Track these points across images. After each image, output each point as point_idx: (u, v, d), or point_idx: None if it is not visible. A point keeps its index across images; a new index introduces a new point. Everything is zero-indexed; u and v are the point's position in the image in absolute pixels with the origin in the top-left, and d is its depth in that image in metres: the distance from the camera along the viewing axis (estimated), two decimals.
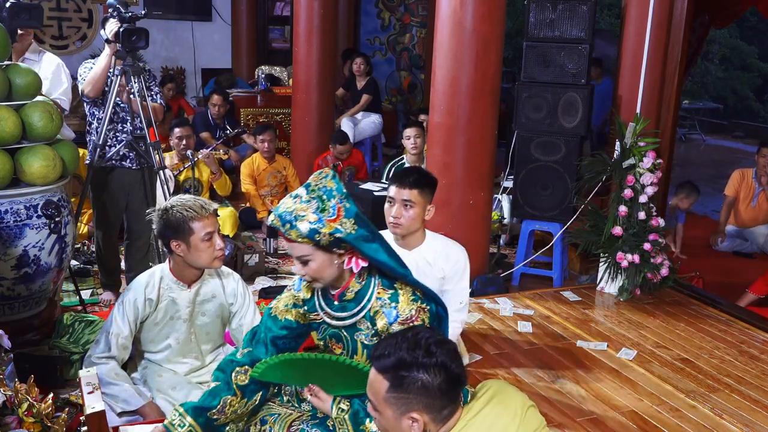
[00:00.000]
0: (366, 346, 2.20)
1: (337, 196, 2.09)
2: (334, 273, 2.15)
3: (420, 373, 1.63)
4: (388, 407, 1.67)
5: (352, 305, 2.20)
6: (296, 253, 2.12)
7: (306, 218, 2.04)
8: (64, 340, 3.34)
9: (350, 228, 2.07)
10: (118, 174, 3.99)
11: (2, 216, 3.04)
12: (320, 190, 2.09)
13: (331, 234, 2.04)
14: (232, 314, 2.93)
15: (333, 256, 2.12)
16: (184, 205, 2.66)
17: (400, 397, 1.65)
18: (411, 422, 1.65)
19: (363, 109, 7.59)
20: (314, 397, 2.20)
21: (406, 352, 1.64)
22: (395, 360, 1.65)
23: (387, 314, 2.13)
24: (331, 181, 2.11)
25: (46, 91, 3.74)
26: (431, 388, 1.63)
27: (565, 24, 4.58)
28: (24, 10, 3.41)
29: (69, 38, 8.39)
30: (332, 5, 6.52)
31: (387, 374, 1.66)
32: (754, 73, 14.58)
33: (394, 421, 1.67)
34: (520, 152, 4.82)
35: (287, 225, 2.06)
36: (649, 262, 4.49)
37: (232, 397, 2.26)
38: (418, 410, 1.65)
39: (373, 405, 1.72)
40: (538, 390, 3.43)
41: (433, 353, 1.64)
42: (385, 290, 2.17)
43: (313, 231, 2.04)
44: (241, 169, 6.03)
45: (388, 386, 1.66)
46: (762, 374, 3.68)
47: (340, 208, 2.07)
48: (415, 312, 2.13)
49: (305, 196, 2.08)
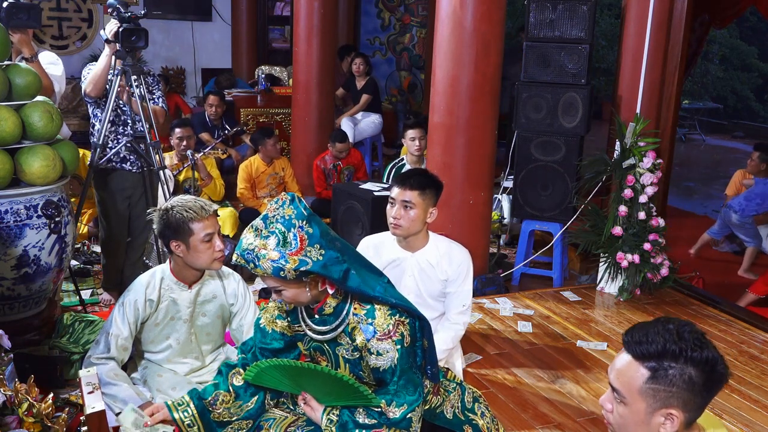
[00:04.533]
0: (347, 360, 2.19)
1: (297, 224, 2.01)
2: (309, 297, 2.13)
3: (688, 366, 1.48)
4: (642, 399, 1.51)
5: (331, 319, 2.18)
6: (269, 284, 2.10)
7: (268, 256, 1.99)
8: (64, 340, 3.34)
9: (316, 255, 2.01)
10: (118, 176, 4.00)
11: (2, 216, 3.04)
12: (278, 221, 2.02)
13: (295, 269, 1.99)
14: (233, 314, 2.93)
15: (303, 285, 2.08)
16: (184, 205, 2.66)
17: (661, 389, 1.50)
18: (665, 419, 1.51)
19: (363, 109, 7.59)
20: (306, 405, 2.20)
21: (672, 342, 1.49)
22: (660, 348, 1.49)
23: (364, 330, 2.10)
24: (289, 209, 2.03)
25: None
26: (697, 384, 1.48)
27: (565, 24, 4.58)
28: (22, 10, 3.40)
29: (69, 38, 8.39)
30: (332, 5, 6.52)
31: (648, 363, 1.51)
32: (754, 73, 14.58)
33: (645, 416, 1.52)
34: (520, 152, 4.82)
35: (251, 264, 2.02)
36: (649, 262, 4.49)
37: (225, 394, 2.27)
38: (676, 406, 1.50)
39: (620, 396, 1.55)
40: (538, 390, 3.43)
41: (702, 347, 1.49)
42: (362, 306, 2.14)
43: (277, 269, 1.99)
44: (239, 171, 6.01)
45: (648, 376, 1.50)
46: (762, 374, 3.68)
47: (302, 238, 2.00)
48: (393, 326, 2.09)
49: (264, 231, 2.02)
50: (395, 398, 2.11)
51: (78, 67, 7.00)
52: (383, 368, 2.11)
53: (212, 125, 6.86)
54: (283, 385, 2.25)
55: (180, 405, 2.26)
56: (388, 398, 2.11)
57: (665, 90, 4.84)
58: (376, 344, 2.09)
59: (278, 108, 7.69)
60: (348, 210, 5.06)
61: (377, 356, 2.09)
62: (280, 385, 2.25)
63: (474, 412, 2.44)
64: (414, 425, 2.14)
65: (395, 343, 2.08)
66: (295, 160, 6.51)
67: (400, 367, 2.10)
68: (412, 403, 2.12)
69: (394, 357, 2.09)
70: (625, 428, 1.58)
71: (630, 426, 1.56)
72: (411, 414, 2.12)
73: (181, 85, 9.08)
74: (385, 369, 2.10)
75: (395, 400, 2.11)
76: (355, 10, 9.43)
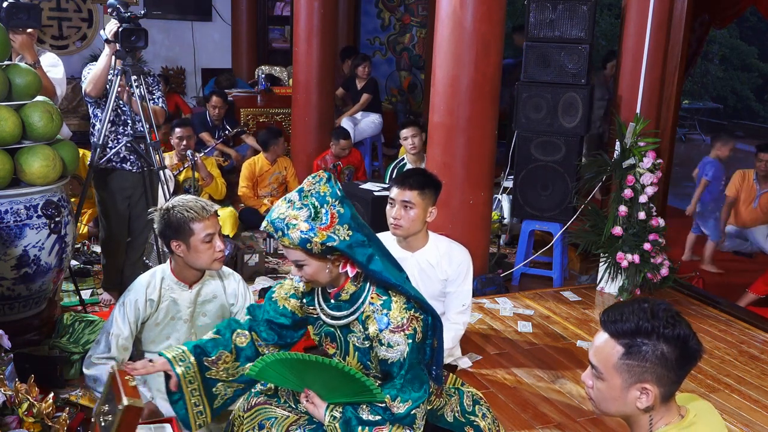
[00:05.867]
0: (357, 349, 2.19)
1: (330, 201, 2.05)
2: (330, 276, 2.14)
3: (661, 342, 1.56)
4: (618, 375, 1.60)
5: (346, 306, 2.19)
6: (291, 257, 2.11)
7: (297, 227, 2.01)
8: (64, 340, 3.34)
9: (344, 235, 2.04)
10: (118, 176, 4.00)
11: (2, 216, 3.04)
12: (313, 195, 2.05)
13: (323, 243, 2.02)
14: (233, 314, 2.93)
15: (327, 261, 2.10)
16: (185, 205, 2.66)
17: (635, 365, 1.58)
18: (640, 393, 1.59)
19: (363, 109, 7.59)
20: (309, 402, 2.19)
21: (645, 320, 1.57)
22: (634, 326, 1.58)
23: (378, 320, 2.11)
24: (324, 186, 2.07)
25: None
26: (670, 359, 1.56)
27: (565, 24, 4.58)
28: (22, 10, 3.40)
29: (69, 38, 8.39)
30: (332, 5, 6.52)
31: (623, 340, 1.59)
32: (754, 73, 14.58)
33: (621, 390, 1.60)
34: (520, 152, 4.82)
35: (279, 232, 2.04)
36: (649, 262, 4.49)
37: (228, 354, 2.28)
38: (651, 381, 1.58)
39: (597, 372, 1.64)
40: (538, 390, 3.43)
41: (674, 324, 1.57)
42: (379, 296, 2.15)
43: (304, 240, 2.01)
44: (242, 170, 6.01)
45: (623, 352, 1.59)
46: (762, 374, 3.68)
47: (333, 215, 2.04)
48: (407, 321, 2.10)
49: (298, 202, 2.05)
50: (401, 393, 2.11)
51: (78, 67, 6.99)
52: (392, 361, 2.11)
53: (213, 125, 6.86)
54: (287, 382, 2.24)
55: (182, 360, 2.23)
56: (393, 393, 2.11)
57: (665, 90, 4.83)
58: (389, 336, 2.09)
59: (278, 108, 7.69)
60: None
61: (387, 348, 2.10)
62: (284, 381, 2.24)
63: (475, 414, 2.44)
64: (418, 422, 2.14)
65: (407, 337, 2.09)
66: (295, 160, 6.51)
67: (409, 362, 2.10)
68: (417, 400, 2.12)
69: (404, 351, 2.09)
70: (604, 403, 1.67)
71: (608, 400, 1.65)
72: (415, 410, 2.12)
73: (181, 85, 9.07)
74: (394, 362, 2.10)
75: (400, 395, 2.11)
76: (355, 10, 9.43)
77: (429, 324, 2.18)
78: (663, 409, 1.63)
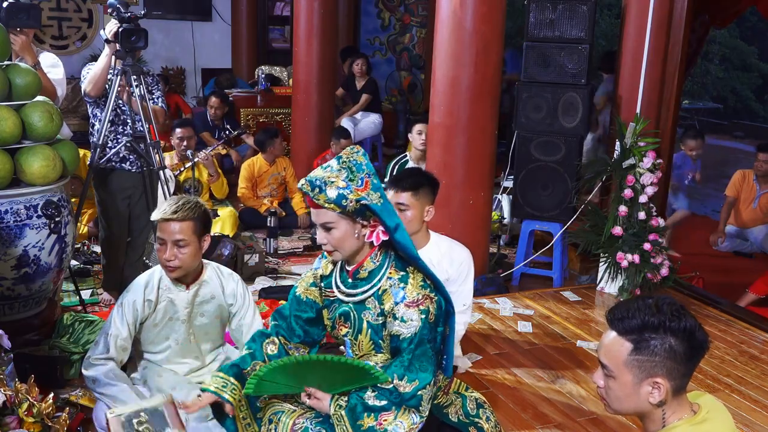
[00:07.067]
0: (371, 326, 2.22)
1: (365, 170, 2.17)
2: (354, 245, 2.19)
3: (668, 335, 1.58)
4: (629, 371, 1.62)
5: (363, 284, 2.23)
6: (320, 220, 2.17)
7: (335, 184, 2.12)
8: (64, 340, 3.34)
9: (376, 200, 2.14)
10: (118, 176, 3.99)
11: (2, 216, 3.04)
12: (351, 162, 2.17)
13: (357, 201, 2.11)
14: (232, 315, 2.93)
15: (356, 225, 2.17)
16: (160, 206, 2.68)
17: (644, 360, 1.60)
18: (652, 388, 1.61)
19: (362, 109, 7.59)
20: (312, 398, 2.20)
21: (651, 315, 1.59)
22: (641, 322, 1.60)
23: (394, 294, 2.16)
24: (361, 157, 2.19)
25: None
26: (678, 352, 1.58)
27: (565, 24, 4.58)
28: (22, 10, 3.39)
29: (69, 38, 8.39)
30: (332, 5, 6.52)
31: (631, 336, 1.61)
32: (754, 73, 14.58)
33: (633, 387, 1.62)
34: (520, 152, 4.82)
35: (316, 189, 2.13)
36: (649, 262, 4.49)
37: (262, 364, 2.34)
38: (661, 375, 1.60)
39: (608, 371, 1.66)
40: (538, 390, 3.43)
41: (680, 317, 1.59)
42: (397, 271, 2.20)
43: (340, 196, 2.10)
44: (241, 171, 6.01)
45: (632, 349, 1.61)
46: (762, 374, 3.68)
47: (367, 181, 2.15)
48: (422, 297, 2.14)
49: (336, 166, 2.17)
50: (407, 372, 2.12)
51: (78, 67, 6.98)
52: (403, 336, 2.13)
53: (213, 125, 6.87)
54: (287, 388, 2.25)
55: (225, 386, 2.26)
56: (401, 372, 2.12)
57: (665, 90, 4.83)
58: (403, 310, 2.13)
59: (278, 108, 7.69)
60: None
61: (401, 323, 2.13)
62: (283, 389, 2.25)
63: (479, 416, 2.44)
64: (423, 404, 2.13)
65: (421, 313, 2.13)
66: (295, 160, 6.51)
67: (419, 337, 2.12)
68: (424, 380, 2.12)
69: (417, 326, 2.12)
70: (617, 401, 1.68)
71: (621, 398, 1.66)
72: (422, 391, 2.12)
73: (181, 85, 9.07)
74: (405, 337, 2.13)
75: (407, 374, 2.12)
76: (355, 10, 9.43)
77: (442, 307, 2.21)
78: (675, 404, 1.64)
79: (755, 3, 6.20)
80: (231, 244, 4.78)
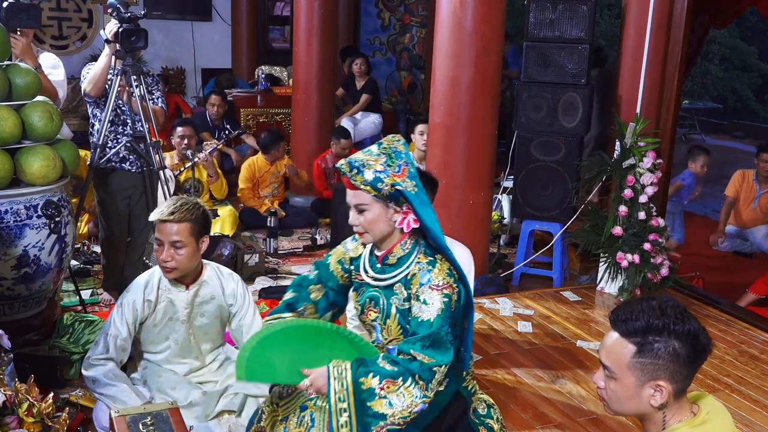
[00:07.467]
0: (399, 311, 2.24)
1: (404, 159, 2.22)
2: (385, 229, 2.24)
3: (672, 339, 1.58)
4: (631, 374, 1.61)
5: (391, 269, 2.27)
6: (355, 201, 2.23)
7: (373, 167, 2.18)
8: (64, 340, 3.34)
9: (411, 188, 2.19)
10: (117, 176, 3.99)
11: (2, 216, 3.04)
12: (391, 149, 2.23)
13: (392, 185, 2.16)
14: (232, 315, 2.93)
15: (389, 210, 2.21)
16: (159, 206, 2.68)
17: (647, 363, 1.59)
18: (654, 391, 1.60)
19: (362, 109, 7.59)
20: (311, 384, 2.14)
21: (655, 317, 1.59)
22: (645, 324, 1.59)
23: (421, 276, 2.18)
24: (401, 146, 2.25)
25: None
26: (681, 355, 1.58)
27: (565, 24, 4.58)
28: (22, 10, 3.39)
29: (69, 38, 8.38)
30: (332, 5, 6.52)
31: (634, 338, 1.60)
32: (754, 73, 14.57)
33: (635, 389, 1.62)
34: (520, 152, 4.82)
35: (354, 170, 2.18)
36: (649, 262, 4.49)
37: (311, 306, 2.43)
38: (664, 378, 1.59)
39: (610, 372, 1.65)
40: (538, 390, 3.43)
41: (684, 320, 1.58)
42: (426, 256, 2.23)
43: (377, 179, 2.16)
44: (241, 171, 6.02)
45: (635, 351, 1.60)
46: (762, 374, 3.69)
47: (404, 169, 2.20)
48: (446, 284, 2.17)
49: (376, 151, 2.23)
50: (425, 349, 2.09)
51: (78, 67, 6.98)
52: (422, 319, 2.14)
53: (213, 125, 6.87)
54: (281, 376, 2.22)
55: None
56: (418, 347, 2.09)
57: (665, 90, 4.83)
58: (428, 292, 2.15)
59: (278, 108, 7.68)
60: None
61: (422, 305, 2.15)
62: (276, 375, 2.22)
63: (490, 416, 2.45)
64: (433, 384, 2.09)
65: (444, 296, 2.14)
66: (295, 160, 6.50)
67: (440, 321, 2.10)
68: (441, 361, 2.09)
69: (438, 309, 2.12)
70: (617, 403, 1.67)
71: (622, 400, 1.65)
72: (437, 368, 2.08)
73: (181, 85, 9.07)
74: (423, 320, 2.13)
75: (425, 351, 2.09)
76: (355, 10, 9.43)
77: (462, 298, 2.21)
78: (676, 406, 1.63)
79: (755, 3, 6.20)
80: (231, 244, 4.77)
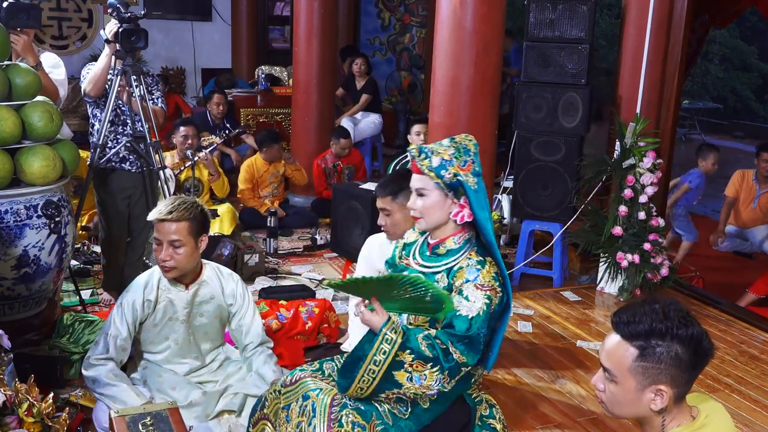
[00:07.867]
0: None
1: (472, 157, 2.30)
2: (440, 218, 2.30)
3: (675, 343, 1.55)
4: (632, 377, 1.59)
5: (440, 259, 2.31)
6: (417, 185, 2.30)
7: (441, 155, 2.26)
8: (64, 340, 3.34)
9: (472, 183, 2.27)
10: (117, 176, 3.99)
11: (2, 216, 3.04)
12: (461, 145, 2.31)
13: (455, 175, 2.24)
14: (232, 315, 2.93)
15: (447, 200, 2.28)
16: (158, 205, 2.68)
17: (649, 367, 1.57)
18: (654, 395, 1.58)
19: (362, 109, 7.59)
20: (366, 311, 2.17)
21: (658, 321, 1.56)
22: (647, 327, 1.57)
23: (468, 272, 2.22)
24: (472, 145, 2.33)
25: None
26: (684, 360, 1.56)
27: (565, 24, 4.58)
28: (22, 10, 3.39)
29: (69, 38, 8.39)
30: (332, 5, 6.52)
31: (636, 342, 1.58)
32: (754, 73, 14.56)
33: (635, 393, 1.59)
34: (520, 152, 4.82)
35: (423, 155, 2.27)
36: (649, 262, 4.49)
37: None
38: (665, 382, 1.57)
39: (610, 375, 1.63)
40: (538, 390, 3.43)
41: (687, 324, 1.56)
42: (477, 255, 2.28)
43: (441, 166, 2.24)
44: (241, 171, 6.02)
45: (637, 355, 1.58)
46: (762, 374, 3.69)
47: (470, 165, 2.29)
48: (490, 286, 2.21)
49: (447, 143, 2.31)
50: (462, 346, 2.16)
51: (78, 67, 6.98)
52: (460, 313, 2.17)
53: (214, 125, 6.87)
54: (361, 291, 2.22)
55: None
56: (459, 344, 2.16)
57: (665, 90, 4.83)
58: (472, 289, 2.20)
59: (278, 108, 7.69)
60: (348, 210, 5.06)
61: (464, 300, 2.19)
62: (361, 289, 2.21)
63: (493, 417, 2.46)
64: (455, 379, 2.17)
65: (486, 297, 2.18)
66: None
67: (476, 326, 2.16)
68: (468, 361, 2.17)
69: (479, 308, 2.17)
70: (617, 406, 1.66)
71: (622, 403, 1.64)
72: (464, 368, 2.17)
73: (181, 85, 9.07)
74: (461, 315, 2.17)
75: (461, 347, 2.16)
76: (355, 10, 9.43)
77: (504, 303, 2.26)
78: (675, 410, 1.62)
79: (755, 3, 6.20)
80: (231, 244, 4.77)
